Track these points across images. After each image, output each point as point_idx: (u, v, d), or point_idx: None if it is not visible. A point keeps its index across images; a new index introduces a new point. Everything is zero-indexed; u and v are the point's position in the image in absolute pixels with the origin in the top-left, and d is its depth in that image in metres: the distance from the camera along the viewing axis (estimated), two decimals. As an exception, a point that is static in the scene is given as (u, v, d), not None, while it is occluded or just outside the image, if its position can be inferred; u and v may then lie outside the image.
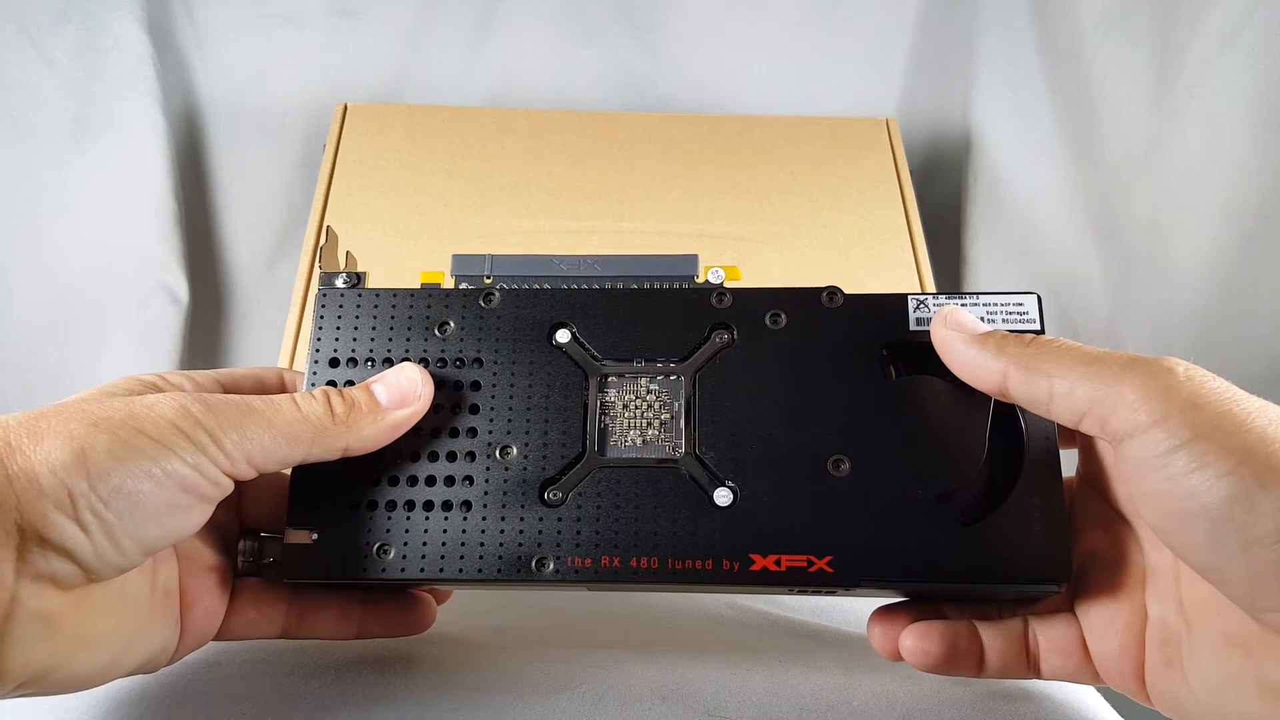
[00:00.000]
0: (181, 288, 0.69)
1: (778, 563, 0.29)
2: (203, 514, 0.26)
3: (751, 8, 0.73)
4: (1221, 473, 0.22)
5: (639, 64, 0.74)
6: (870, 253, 0.60)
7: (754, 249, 0.59)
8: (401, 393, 0.30)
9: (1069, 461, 0.30)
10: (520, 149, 0.64)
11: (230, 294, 0.75)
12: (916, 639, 0.29)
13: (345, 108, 0.66)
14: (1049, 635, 0.29)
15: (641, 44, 0.74)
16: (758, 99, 0.75)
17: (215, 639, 0.31)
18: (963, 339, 0.28)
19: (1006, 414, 0.30)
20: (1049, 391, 0.26)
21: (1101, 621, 0.28)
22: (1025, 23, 0.70)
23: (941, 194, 0.77)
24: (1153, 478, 0.23)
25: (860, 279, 0.58)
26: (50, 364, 0.67)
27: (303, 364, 0.32)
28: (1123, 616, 0.28)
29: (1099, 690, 0.36)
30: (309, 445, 0.28)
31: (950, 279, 0.76)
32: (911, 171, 0.64)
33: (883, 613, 0.31)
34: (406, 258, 0.58)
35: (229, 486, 0.27)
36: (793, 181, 0.63)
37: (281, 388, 0.33)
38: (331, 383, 0.32)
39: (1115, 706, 0.36)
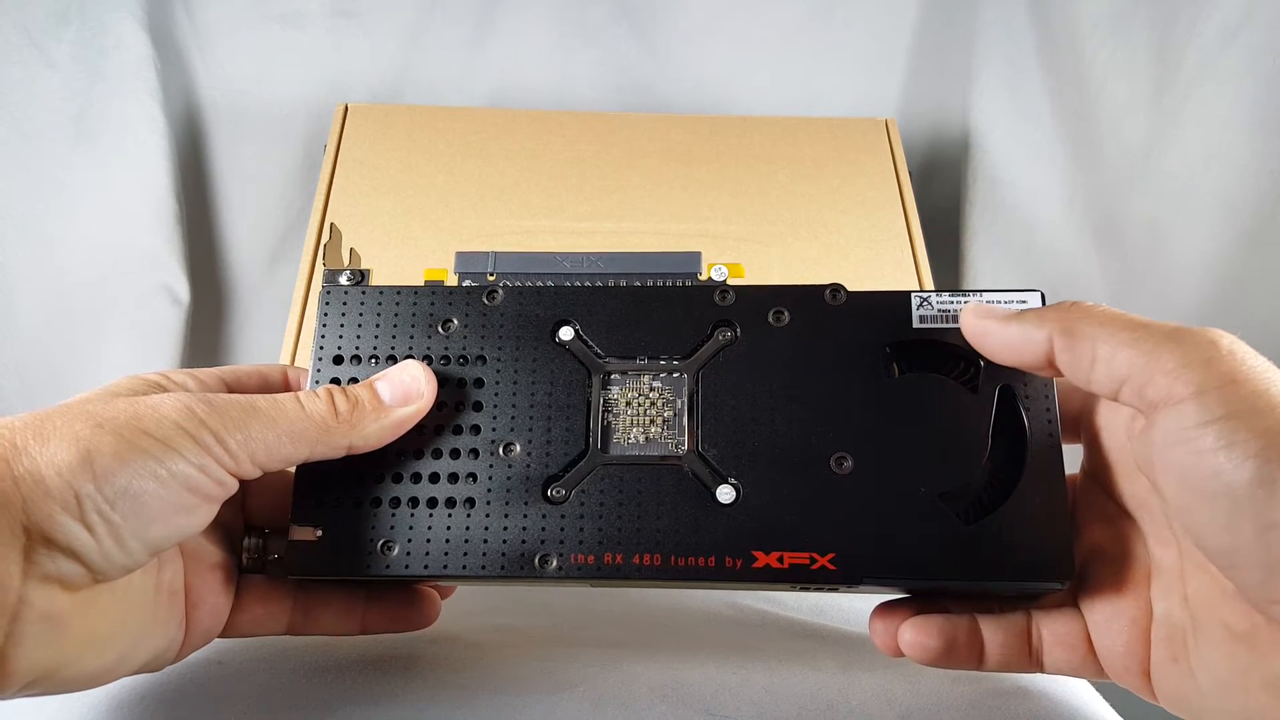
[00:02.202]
0: (182, 288, 0.69)
1: (780, 560, 0.29)
2: (208, 513, 0.26)
3: (752, 8, 0.73)
4: (1249, 454, 0.22)
5: (639, 64, 0.74)
6: (870, 253, 0.60)
7: (754, 249, 0.59)
8: (405, 390, 0.30)
9: (1073, 458, 0.30)
10: (520, 149, 0.64)
11: (231, 294, 0.75)
12: (915, 632, 0.29)
13: (346, 108, 0.66)
14: (1053, 629, 0.29)
15: (641, 44, 0.74)
16: (758, 99, 0.75)
17: (221, 636, 0.31)
18: (999, 321, 0.28)
19: (1009, 412, 0.30)
20: (1092, 357, 0.25)
21: (1106, 617, 0.28)
22: (1025, 23, 0.70)
23: (941, 194, 0.77)
24: (1179, 450, 0.23)
25: (860, 279, 0.58)
26: (51, 364, 0.67)
27: (304, 364, 0.32)
28: (1128, 612, 0.28)
29: (1097, 688, 0.36)
30: (313, 444, 0.28)
31: (950, 279, 0.76)
32: (911, 172, 0.64)
33: (884, 608, 0.31)
34: (406, 258, 0.58)
35: (234, 486, 0.27)
36: (793, 182, 0.63)
37: (285, 385, 0.33)
38: (335, 380, 0.32)
39: (1113, 704, 0.36)
